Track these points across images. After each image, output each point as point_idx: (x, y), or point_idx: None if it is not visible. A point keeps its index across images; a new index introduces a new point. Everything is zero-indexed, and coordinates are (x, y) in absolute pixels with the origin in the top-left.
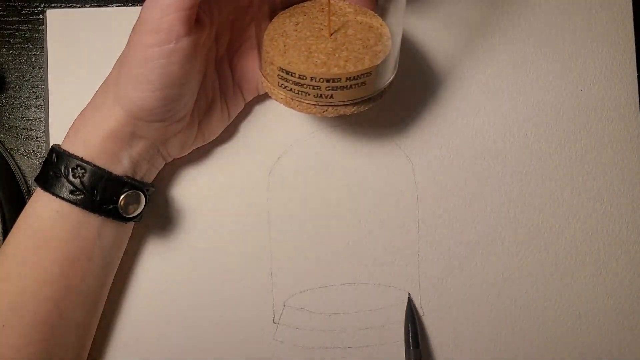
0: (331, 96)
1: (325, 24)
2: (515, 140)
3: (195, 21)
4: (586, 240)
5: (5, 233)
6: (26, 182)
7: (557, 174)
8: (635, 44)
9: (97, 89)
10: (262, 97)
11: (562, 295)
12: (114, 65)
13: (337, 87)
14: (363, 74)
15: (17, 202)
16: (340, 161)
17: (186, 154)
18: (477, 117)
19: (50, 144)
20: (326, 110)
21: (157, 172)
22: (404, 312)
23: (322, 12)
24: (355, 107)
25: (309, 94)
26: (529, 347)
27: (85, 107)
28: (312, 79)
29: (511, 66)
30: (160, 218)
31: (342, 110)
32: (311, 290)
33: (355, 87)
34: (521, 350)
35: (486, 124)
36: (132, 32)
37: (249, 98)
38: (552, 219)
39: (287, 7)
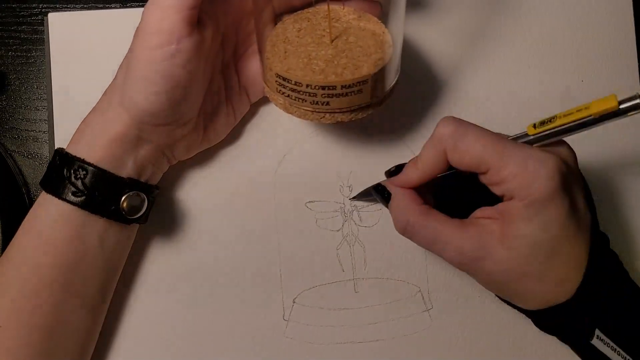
0: (327, 103)
1: (328, 31)
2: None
3: (197, 23)
4: None
5: (5, 233)
6: (26, 183)
7: None
8: (636, 36)
9: (100, 90)
10: (268, 98)
11: None
12: (119, 69)
13: (332, 94)
14: (359, 82)
15: (17, 203)
16: (347, 158)
17: (191, 156)
18: (481, 113)
19: (55, 148)
20: (323, 117)
21: (162, 174)
22: (414, 307)
23: (326, 18)
24: (352, 115)
25: (305, 101)
26: (535, 341)
27: (90, 111)
28: (307, 86)
29: (512, 61)
30: (168, 219)
31: (340, 117)
32: (320, 287)
33: (351, 95)
34: (526, 345)
35: (490, 119)
36: (134, 35)
37: (254, 100)
38: None
39: (292, 12)
